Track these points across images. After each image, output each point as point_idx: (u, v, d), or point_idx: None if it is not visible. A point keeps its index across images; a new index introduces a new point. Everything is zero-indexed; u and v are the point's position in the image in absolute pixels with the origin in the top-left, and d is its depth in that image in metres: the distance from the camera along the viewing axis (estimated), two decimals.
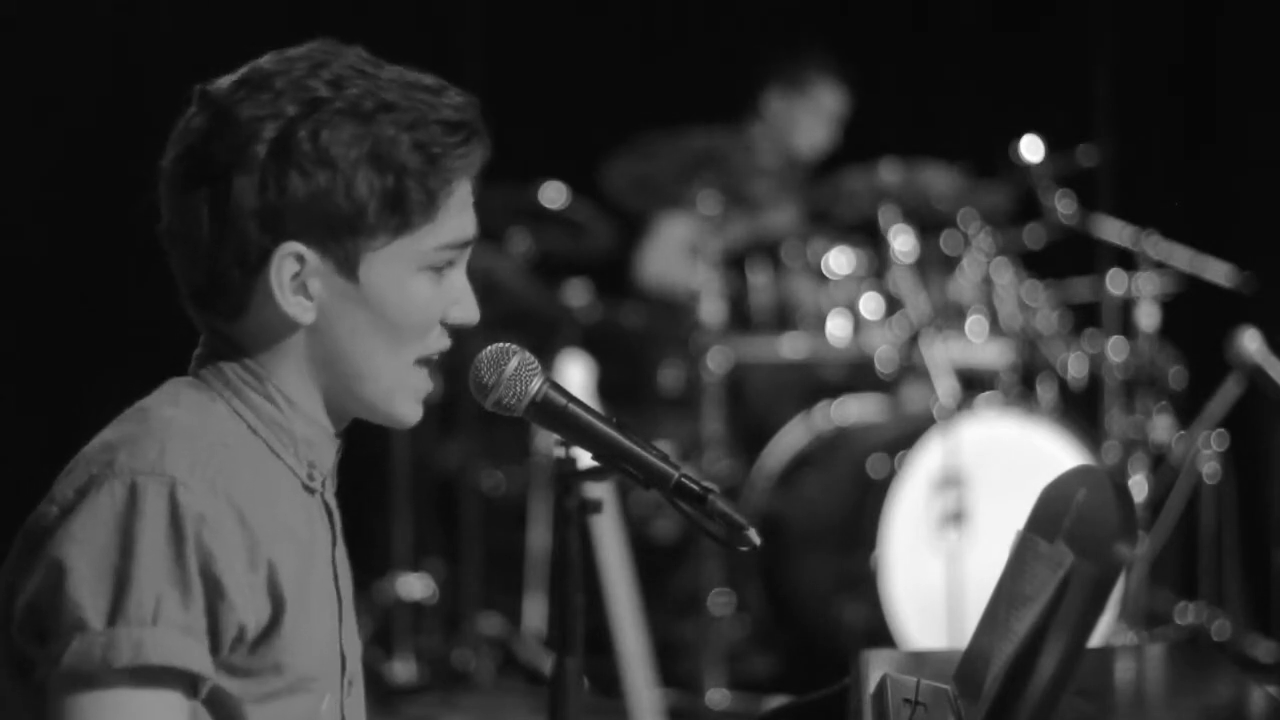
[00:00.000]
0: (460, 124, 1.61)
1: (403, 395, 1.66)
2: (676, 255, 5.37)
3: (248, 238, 1.57)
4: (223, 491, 1.51)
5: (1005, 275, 4.98)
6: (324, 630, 1.65)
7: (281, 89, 1.57)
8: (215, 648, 1.51)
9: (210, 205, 1.57)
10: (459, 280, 1.67)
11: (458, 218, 1.63)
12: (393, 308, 1.61)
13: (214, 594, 1.49)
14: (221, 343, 1.64)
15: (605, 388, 4.76)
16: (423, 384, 1.67)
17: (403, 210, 1.59)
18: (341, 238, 1.58)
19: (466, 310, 1.67)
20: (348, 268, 1.59)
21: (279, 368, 1.62)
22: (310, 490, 1.66)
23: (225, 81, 1.60)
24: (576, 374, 4.61)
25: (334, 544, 1.70)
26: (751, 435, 5.07)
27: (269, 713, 1.57)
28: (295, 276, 1.59)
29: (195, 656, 1.48)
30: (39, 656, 1.49)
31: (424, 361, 1.66)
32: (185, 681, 1.50)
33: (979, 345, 4.94)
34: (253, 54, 1.63)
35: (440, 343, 1.67)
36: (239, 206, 1.56)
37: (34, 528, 1.53)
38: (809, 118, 5.53)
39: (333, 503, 1.71)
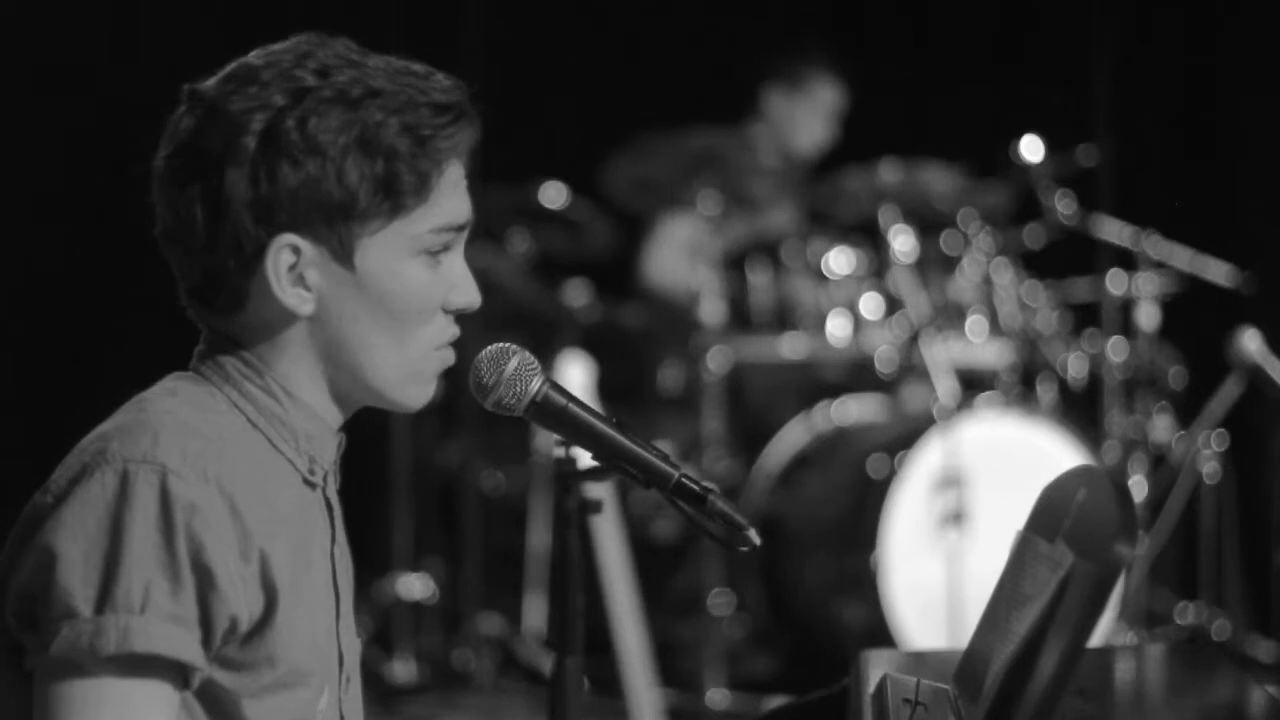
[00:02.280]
0: (448, 106, 1.61)
1: (411, 381, 1.66)
2: (679, 255, 5.37)
3: (242, 230, 1.57)
4: (214, 481, 1.51)
5: (1005, 275, 4.98)
6: (320, 625, 1.65)
7: (268, 80, 1.57)
8: (207, 638, 1.50)
9: (203, 200, 1.57)
10: (457, 265, 1.66)
11: (450, 199, 1.63)
12: (390, 293, 1.61)
13: (205, 584, 1.49)
14: (221, 339, 1.64)
15: (605, 388, 4.76)
16: (434, 366, 1.67)
17: (395, 193, 1.59)
18: (335, 224, 1.58)
19: (466, 294, 1.67)
20: (343, 255, 1.59)
21: (279, 360, 1.63)
22: (311, 485, 1.66)
23: (213, 79, 1.61)
24: (576, 374, 4.61)
25: (333, 540, 1.70)
26: (751, 435, 5.06)
27: (265, 707, 1.56)
28: (292, 268, 1.59)
29: (184, 645, 1.48)
30: (30, 644, 1.50)
31: (440, 347, 1.66)
32: (174, 671, 1.50)
33: (979, 345, 4.94)
34: (246, 53, 1.63)
35: (447, 332, 1.67)
36: (232, 199, 1.56)
37: (29, 516, 1.53)
38: (809, 115, 5.54)
39: (334, 498, 1.70)
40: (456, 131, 1.61)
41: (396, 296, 1.61)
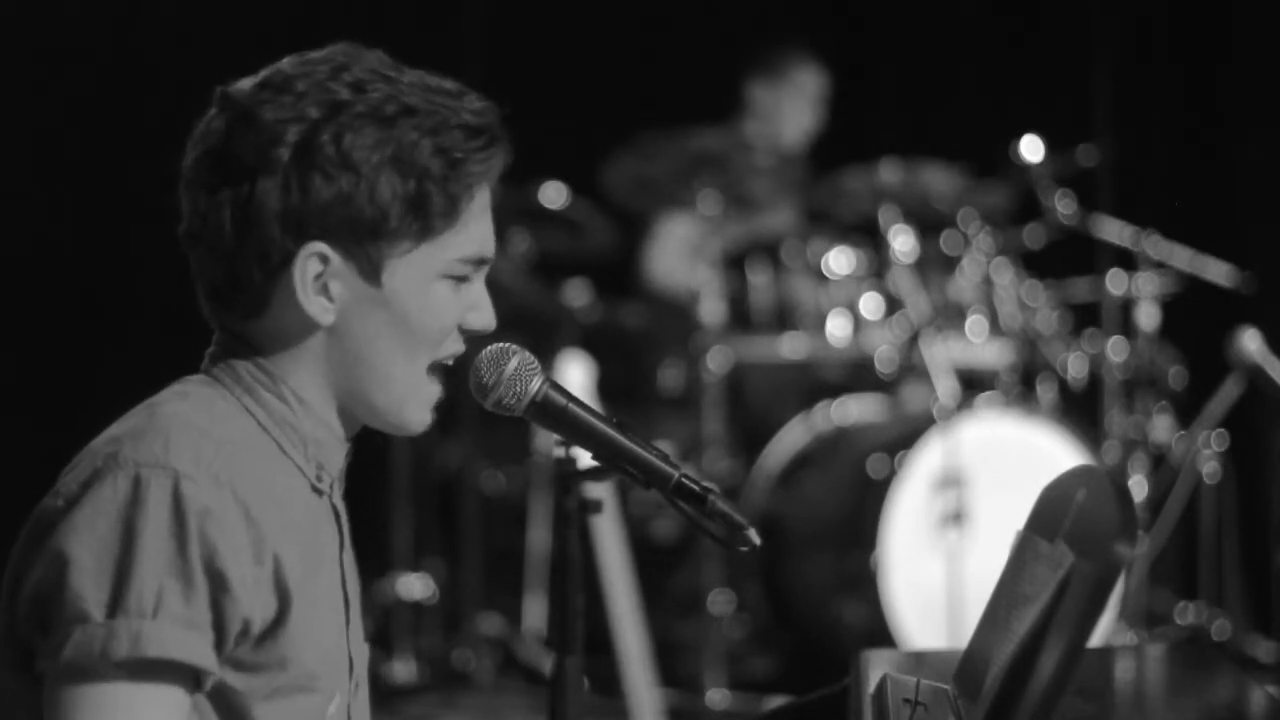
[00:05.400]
0: (481, 129, 1.62)
1: (415, 403, 1.67)
2: (680, 255, 5.37)
3: (271, 239, 1.57)
4: (227, 485, 1.51)
5: (1005, 275, 4.98)
6: (331, 631, 1.65)
7: (303, 91, 1.58)
8: (220, 642, 1.51)
9: (233, 207, 1.58)
10: (477, 286, 1.67)
11: (478, 226, 1.64)
12: (414, 313, 1.62)
13: (218, 588, 1.49)
14: (236, 342, 1.64)
15: (605, 388, 4.76)
16: (434, 391, 1.68)
17: (425, 214, 1.60)
18: (364, 241, 1.59)
19: (484, 317, 1.68)
20: (371, 271, 1.60)
21: (293, 368, 1.63)
22: (318, 491, 1.66)
23: (246, 83, 1.61)
24: (576, 374, 4.61)
25: (341, 546, 1.70)
26: (751, 435, 5.06)
27: (275, 710, 1.57)
28: (318, 277, 1.59)
29: (196, 649, 1.48)
30: (40, 648, 1.50)
31: (435, 368, 1.67)
32: (186, 675, 1.50)
33: (979, 345, 4.94)
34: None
35: (454, 347, 1.68)
36: (262, 208, 1.57)
37: (39, 519, 1.53)
38: (792, 103, 5.54)
39: (340, 506, 1.71)
40: (489, 156, 1.62)
41: (419, 316, 1.62)
